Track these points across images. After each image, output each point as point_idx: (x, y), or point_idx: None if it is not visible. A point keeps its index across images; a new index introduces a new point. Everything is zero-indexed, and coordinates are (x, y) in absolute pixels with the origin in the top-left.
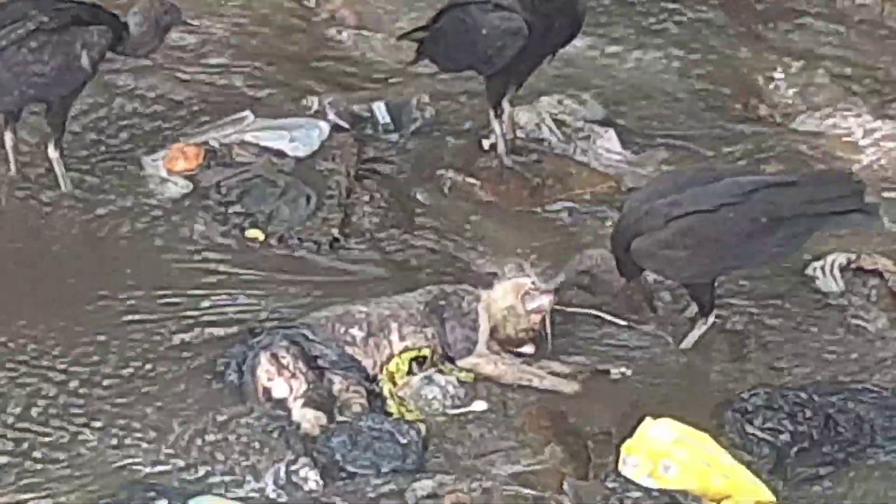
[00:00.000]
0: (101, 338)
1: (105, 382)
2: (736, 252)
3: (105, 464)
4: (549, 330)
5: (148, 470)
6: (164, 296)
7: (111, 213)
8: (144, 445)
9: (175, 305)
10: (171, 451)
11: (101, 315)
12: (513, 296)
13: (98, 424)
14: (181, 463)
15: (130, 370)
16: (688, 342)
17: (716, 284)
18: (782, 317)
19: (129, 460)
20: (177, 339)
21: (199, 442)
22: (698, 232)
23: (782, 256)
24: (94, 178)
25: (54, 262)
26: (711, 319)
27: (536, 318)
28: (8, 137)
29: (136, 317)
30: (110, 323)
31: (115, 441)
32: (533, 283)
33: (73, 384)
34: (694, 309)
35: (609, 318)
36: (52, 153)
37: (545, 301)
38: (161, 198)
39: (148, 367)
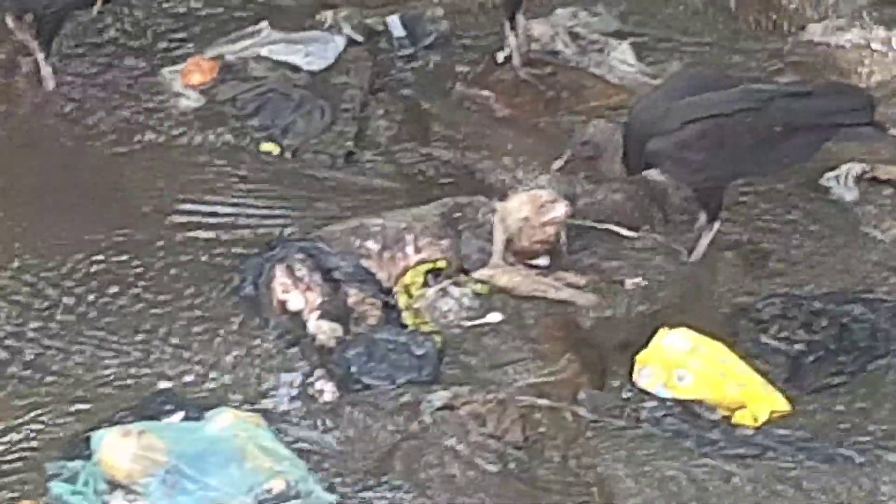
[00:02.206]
0: (115, 250)
1: (120, 295)
2: (750, 158)
3: (121, 376)
4: (564, 241)
5: (164, 382)
6: (179, 209)
7: (129, 124)
8: (160, 357)
9: (190, 217)
10: (187, 363)
11: (113, 227)
12: (528, 207)
13: (114, 338)
14: (197, 375)
15: (144, 283)
16: (697, 253)
17: (724, 191)
18: (797, 226)
19: (146, 372)
20: (191, 251)
21: (215, 355)
22: (715, 136)
23: (791, 166)
24: (110, 90)
25: (62, 172)
26: (716, 226)
27: (551, 229)
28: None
29: (149, 231)
30: (124, 235)
31: (131, 354)
32: (548, 194)
33: (91, 297)
34: (703, 219)
35: (622, 231)
36: (39, 55)
37: (560, 212)
38: (176, 111)
39: (163, 280)
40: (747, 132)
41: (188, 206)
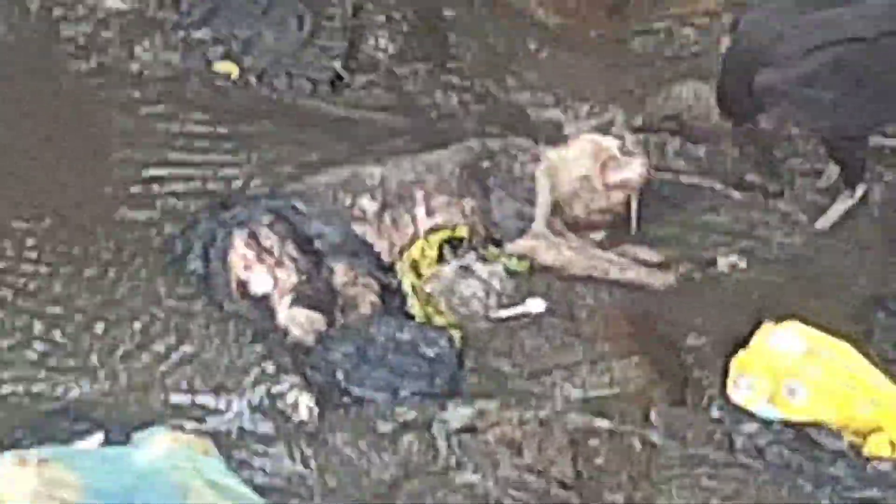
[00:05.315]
0: (24, 207)
1: (23, 270)
2: None
3: (20, 385)
4: (636, 213)
5: (77, 393)
6: (104, 154)
7: (35, 40)
8: (73, 361)
9: (119, 166)
10: (109, 368)
11: (23, 177)
12: (589, 162)
13: (13, 331)
14: (123, 383)
15: (56, 257)
16: (825, 221)
17: (867, 143)
18: None
19: (53, 381)
20: (121, 213)
21: (148, 355)
22: (852, 67)
23: None
24: None
25: None
26: (860, 192)
27: (620, 195)
28: None
29: (67, 182)
30: (34, 188)
31: (33, 355)
32: (621, 145)
33: None
34: (832, 174)
35: (716, 186)
36: None
37: (636, 172)
38: (94, 16)
39: (83, 251)
40: None
41: (113, 150)
